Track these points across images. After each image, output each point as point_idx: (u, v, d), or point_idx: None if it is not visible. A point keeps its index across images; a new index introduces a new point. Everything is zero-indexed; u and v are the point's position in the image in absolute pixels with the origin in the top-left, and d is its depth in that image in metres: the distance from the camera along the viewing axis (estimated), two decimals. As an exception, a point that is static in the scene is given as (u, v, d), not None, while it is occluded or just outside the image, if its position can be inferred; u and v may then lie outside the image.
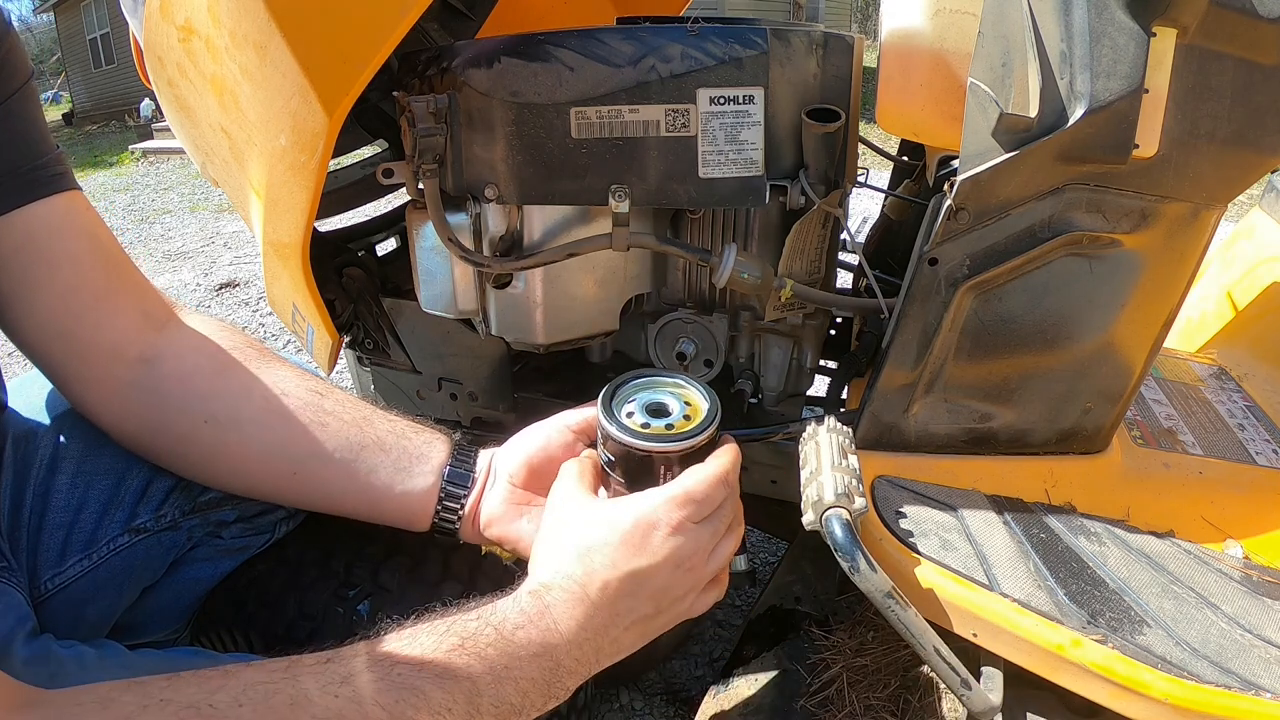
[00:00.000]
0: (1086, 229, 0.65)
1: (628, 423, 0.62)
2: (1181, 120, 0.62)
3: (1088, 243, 0.66)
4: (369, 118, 1.01)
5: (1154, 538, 0.73)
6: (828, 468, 0.64)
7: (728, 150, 0.73)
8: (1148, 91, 0.59)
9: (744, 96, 0.72)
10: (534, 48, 0.71)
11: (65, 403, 0.70)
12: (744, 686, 0.80)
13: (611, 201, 0.73)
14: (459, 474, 0.69)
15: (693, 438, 0.60)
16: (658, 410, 0.64)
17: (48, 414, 0.71)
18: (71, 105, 17.42)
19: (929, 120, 0.72)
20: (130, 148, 8.90)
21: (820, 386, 1.00)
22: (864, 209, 3.05)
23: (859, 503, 0.62)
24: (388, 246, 1.12)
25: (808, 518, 0.63)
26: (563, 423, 0.69)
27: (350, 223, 1.11)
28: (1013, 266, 0.66)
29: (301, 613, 0.76)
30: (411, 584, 0.77)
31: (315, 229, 0.88)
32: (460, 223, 0.78)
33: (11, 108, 0.62)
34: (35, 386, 0.73)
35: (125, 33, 1.35)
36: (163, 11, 0.82)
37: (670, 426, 0.62)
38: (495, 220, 0.79)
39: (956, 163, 0.64)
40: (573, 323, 0.86)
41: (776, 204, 0.78)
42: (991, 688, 0.62)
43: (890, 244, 1.13)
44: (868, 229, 1.20)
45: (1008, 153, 0.61)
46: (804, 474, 0.67)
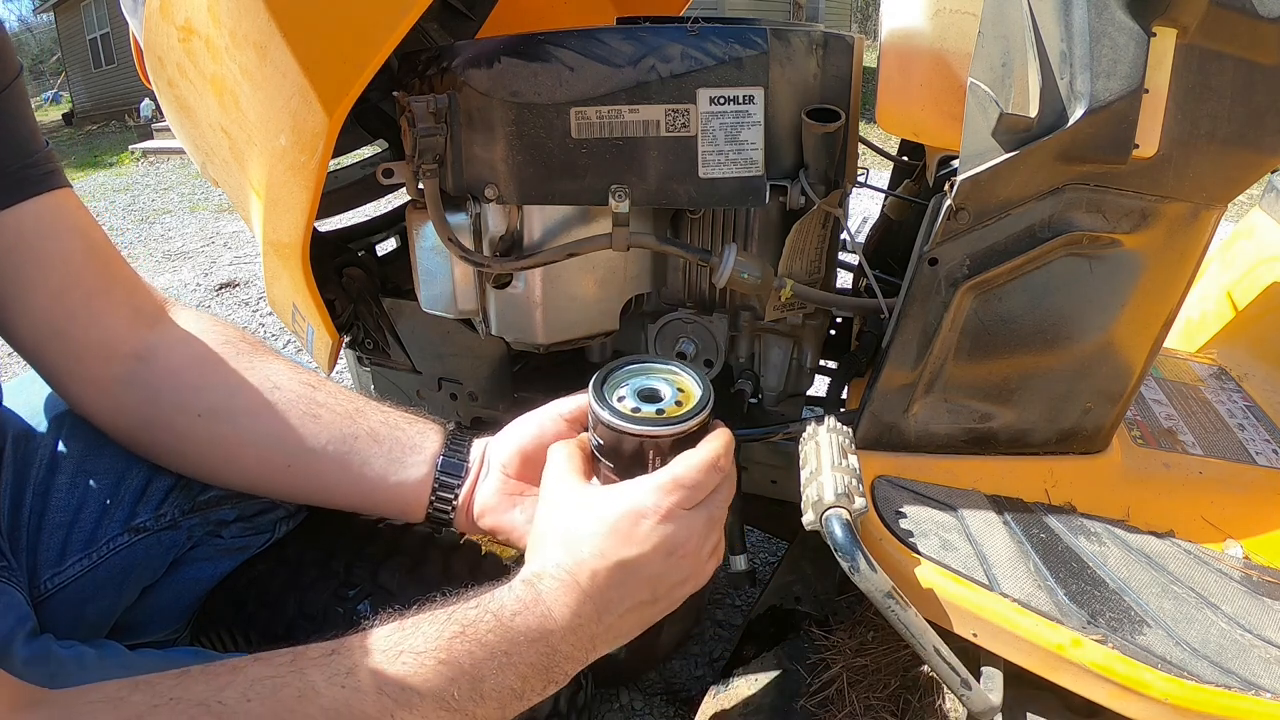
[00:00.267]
0: (1086, 229, 0.65)
1: (619, 407, 0.60)
2: (1181, 120, 0.62)
3: (1088, 243, 0.66)
4: (369, 118, 1.01)
5: (1154, 538, 0.73)
6: (828, 468, 0.64)
7: (728, 150, 0.73)
8: (1148, 91, 0.59)
9: (744, 96, 0.72)
10: (534, 48, 0.71)
11: (66, 403, 0.70)
12: (744, 686, 0.80)
13: (611, 201, 0.73)
14: (452, 464, 0.68)
15: (683, 423, 0.59)
16: (650, 396, 0.63)
17: (47, 414, 0.71)
18: (71, 105, 17.42)
19: (929, 120, 0.72)
20: (130, 148, 8.90)
21: (820, 386, 1.00)
22: (864, 209, 3.05)
23: (859, 503, 0.62)
24: (388, 246, 1.12)
25: (808, 518, 0.63)
26: (556, 411, 0.69)
27: (350, 223, 1.11)
28: (1013, 266, 0.66)
29: (301, 613, 0.76)
30: (411, 584, 0.77)
31: (315, 229, 0.88)
32: (460, 223, 0.78)
33: (1, 105, 0.61)
34: (35, 386, 0.73)
35: (125, 33, 1.34)
36: (163, 11, 0.82)
37: (661, 412, 0.61)
38: (495, 220, 0.79)
39: (956, 163, 0.64)
40: (573, 323, 0.86)
41: (776, 204, 0.78)
42: (991, 688, 0.62)
43: (890, 244, 1.13)
44: (868, 229, 1.20)
45: (1008, 153, 0.61)
46: (804, 474, 0.67)
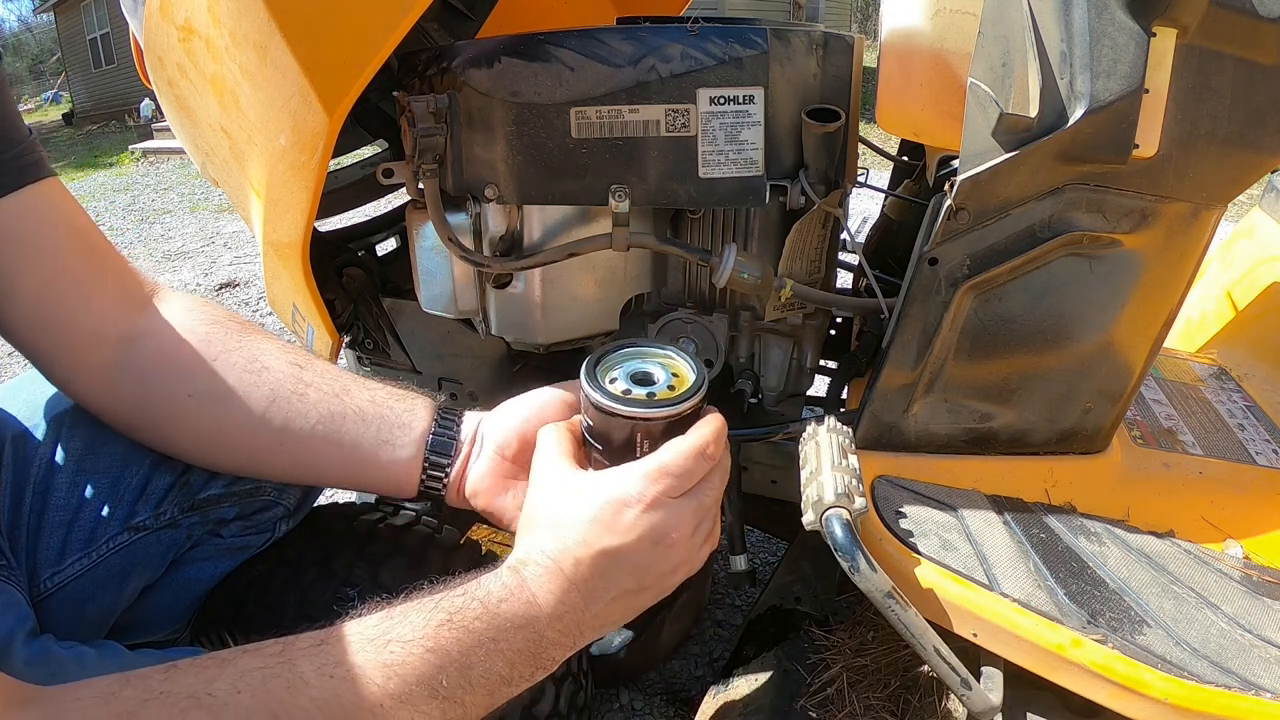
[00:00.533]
0: (1086, 229, 0.65)
1: (610, 388, 0.58)
2: (1181, 120, 0.62)
3: (1088, 243, 0.66)
4: (369, 118, 1.01)
5: (1154, 538, 0.73)
6: (828, 468, 0.64)
7: (728, 150, 0.73)
8: (1148, 91, 0.59)
9: (744, 96, 0.72)
10: (534, 48, 0.71)
11: (64, 402, 0.71)
12: (744, 686, 0.80)
13: (611, 201, 0.73)
14: (442, 442, 0.68)
15: (673, 406, 0.57)
16: (643, 379, 0.61)
17: (47, 413, 0.71)
18: (71, 105, 17.43)
19: (929, 120, 0.72)
20: (130, 148, 8.90)
21: (820, 386, 1.00)
22: (864, 209, 3.05)
23: (859, 503, 0.62)
24: (388, 246, 1.12)
25: (808, 518, 0.63)
26: (558, 394, 0.67)
27: (350, 223, 1.11)
28: (1013, 266, 0.66)
29: (301, 613, 0.76)
30: (411, 584, 0.77)
31: (315, 229, 0.88)
32: (460, 223, 0.78)
33: None
34: (34, 386, 0.73)
35: (125, 33, 1.34)
36: (163, 11, 0.82)
37: (653, 395, 0.59)
38: (495, 220, 0.79)
39: (956, 163, 0.64)
40: (573, 323, 0.86)
41: (776, 204, 0.78)
42: (991, 688, 0.62)
43: (890, 244, 1.13)
44: (868, 229, 1.20)
45: (1008, 153, 0.61)
46: (804, 474, 0.67)
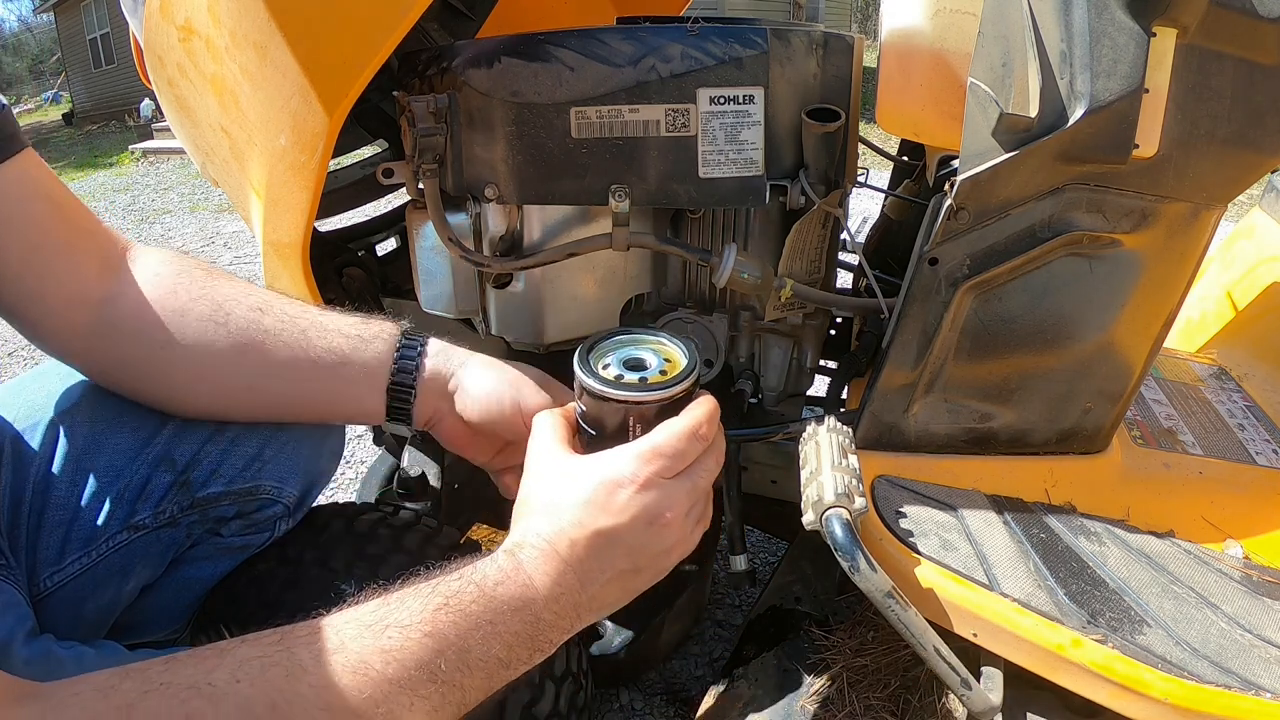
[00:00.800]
0: (1086, 229, 0.65)
1: (602, 374, 0.59)
2: (1181, 120, 0.62)
3: (1088, 243, 0.66)
4: (369, 118, 1.01)
5: (1154, 538, 0.73)
6: (828, 468, 0.64)
7: (728, 150, 0.73)
8: (1148, 91, 0.59)
9: (744, 96, 0.72)
10: (534, 48, 0.71)
11: (64, 402, 0.71)
12: (744, 686, 0.80)
13: (611, 201, 0.73)
14: (403, 377, 0.70)
15: (664, 390, 0.58)
16: (635, 365, 0.62)
17: (46, 413, 0.71)
18: (71, 105, 17.42)
19: (929, 120, 0.72)
20: (130, 148, 8.89)
21: (820, 386, 1.00)
22: (864, 209, 3.06)
23: (859, 503, 0.62)
24: (388, 246, 1.12)
25: (808, 518, 0.63)
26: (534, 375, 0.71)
27: (350, 223, 1.11)
28: (1013, 266, 0.66)
29: (301, 613, 0.76)
30: (408, 571, 0.77)
31: (315, 229, 0.88)
32: (460, 223, 0.78)
33: None
34: (34, 385, 0.73)
35: (125, 33, 1.34)
36: (163, 11, 0.82)
37: (645, 380, 0.60)
38: (495, 220, 0.79)
39: (956, 163, 0.64)
40: (573, 323, 0.86)
41: (776, 204, 0.78)
42: (991, 688, 0.62)
43: (890, 244, 1.13)
44: (868, 229, 1.20)
45: (1008, 153, 0.61)
46: (804, 474, 0.67)
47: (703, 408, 0.59)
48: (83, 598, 0.69)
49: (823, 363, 0.99)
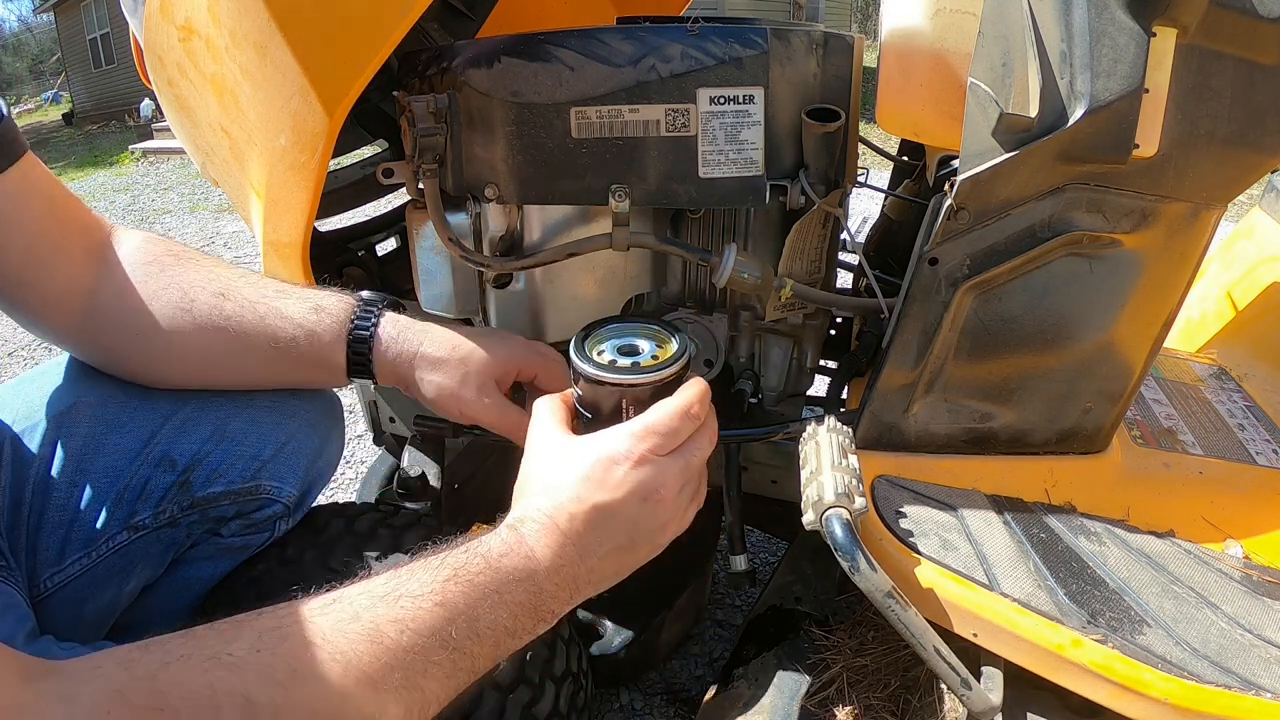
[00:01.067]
0: (1086, 229, 0.65)
1: (597, 360, 0.63)
2: (1181, 120, 0.62)
3: (1088, 243, 0.66)
4: (369, 118, 1.01)
5: (1154, 538, 0.73)
6: (828, 468, 0.64)
7: (728, 150, 0.73)
8: (1148, 91, 0.59)
9: (744, 96, 0.72)
10: (534, 48, 0.71)
11: (64, 402, 0.71)
12: (744, 686, 0.80)
13: (611, 201, 0.73)
14: (359, 340, 0.73)
15: (656, 373, 0.61)
16: (629, 351, 0.65)
17: (47, 413, 0.71)
18: (71, 105, 17.42)
19: (929, 120, 0.72)
20: (130, 148, 8.89)
21: (820, 386, 1.00)
22: (864, 209, 3.06)
23: (859, 503, 0.62)
24: (388, 246, 1.12)
25: (808, 518, 0.63)
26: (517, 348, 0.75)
27: (350, 223, 1.11)
28: (1013, 266, 0.66)
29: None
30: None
31: (315, 229, 0.88)
32: (460, 223, 0.78)
33: None
34: (34, 386, 0.73)
35: (125, 33, 1.34)
36: (163, 11, 0.82)
37: (637, 364, 0.63)
38: (495, 220, 0.79)
39: (956, 163, 0.64)
40: (573, 323, 0.85)
41: (776, 204, 0.78)
42: (991, 688, 0.62)
43: (890, 244, 1.13)
44: (868, 229, 1.20)
45: (1008, 153, 0.61)
46: (804, 474, 0.67)
47: (694, 389, 0.61)
48: (83, 598, 0.69)
49: (823, 363, 0.99)
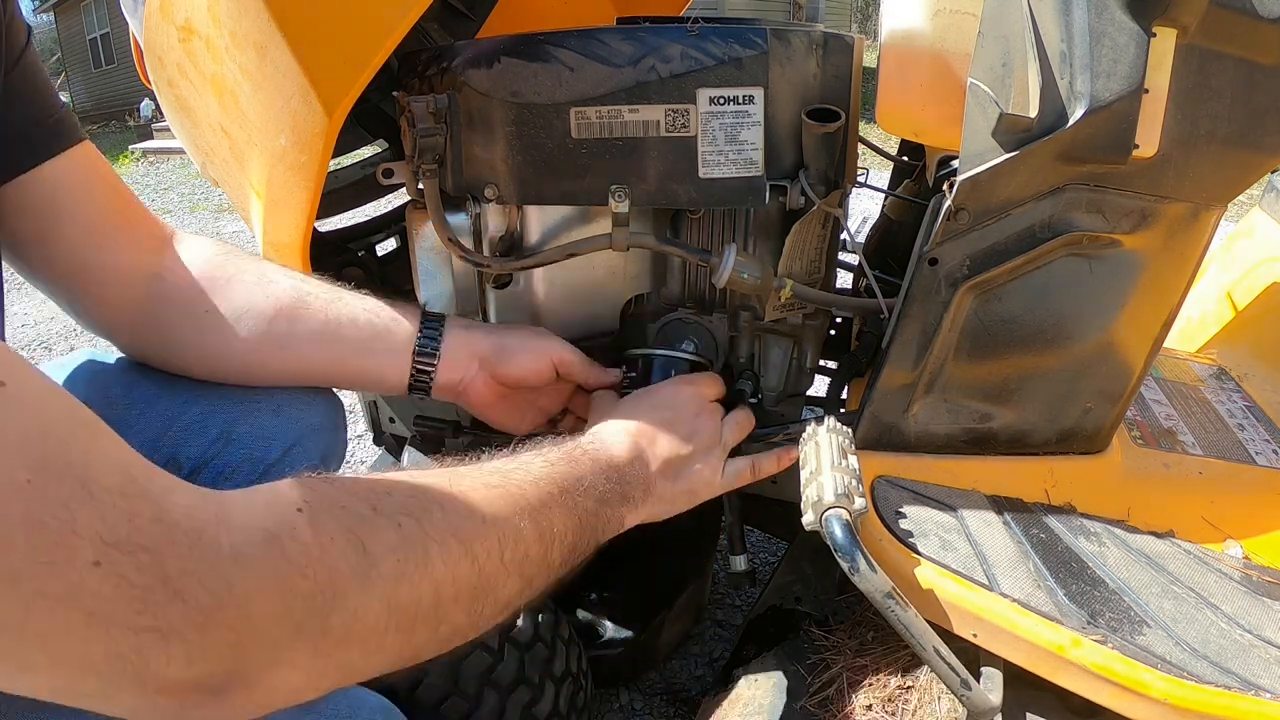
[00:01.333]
0: (1086, 229, 0.65)
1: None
2: (1181, 120, 0.62)
3: (1088, 243, 0.66)
4: (369, 118, 1.01)
5: (1154, 538, 0.73)
6: (828, 468, 0.64)
7: (728, 150, 0.73)
8: (1148, 91, 0.59)
9: (744, 96, 0.72)
10: (534, 48, 0.71)
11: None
12: (744, 686, 0.80)
13: (611, 202, 0.73)
14: (427, 342, 0.77)
15: (689, 353, 0.83)
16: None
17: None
18: (71, 105, 17.41)
19: (929, 120, 0.72)
20: (130, 148, 8.89)
21: (820, 386, 1.00)
22: (864, 209, 3.05)
23: (859, 503, 0.62)
24: (388, 246, 1.12)
25: (808, 518, 0.63)
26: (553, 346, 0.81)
27: (350, 223, 1.11)
28: (1013, 267, 0.66)
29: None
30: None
31: (315, 229, 0.88)
32: (460, 223, 0.78)
33: (28, 60, 0.65)
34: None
35: (125, 33, 1.34)
36: (163, 11, 0.82)
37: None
38: (495, 220, 0.79)
39: (956, 163, 0.64)
40: (572, 323, 0.86)
41: (776, 204, 0.78)
42: (991, 688, 0.62)
43: (890, 244, 1.13)
44: (868, 229, 1.20)
45: (1008, 153, 0.61)
46: (804, 474, 0.67)
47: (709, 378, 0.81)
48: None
49: (823, 363, 0.99)
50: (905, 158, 1.10)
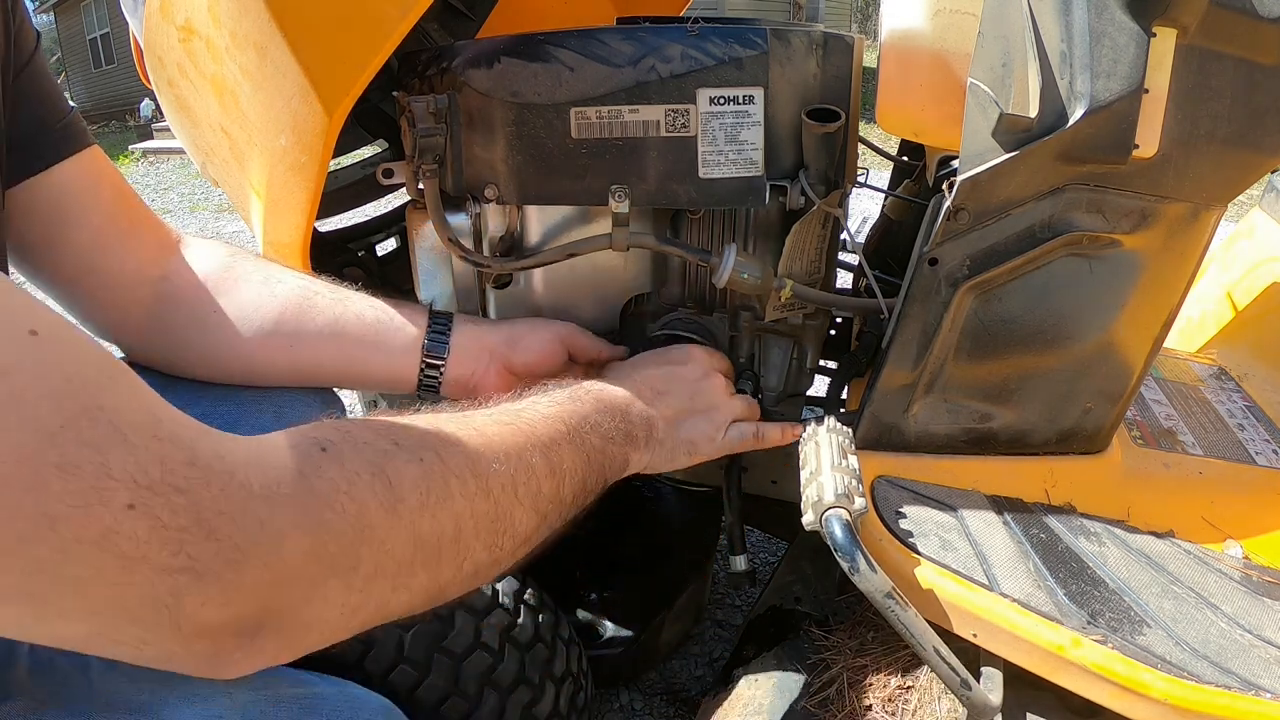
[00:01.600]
0: (1086, 229, 0.65)
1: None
2: (1181, 120, 0.62)
3: (1088, 243, 0.66)
4: (369, 118, 1.01)
5: (1154, 538, 0.73)
6: (828, 468, 0.64)
7: (728, 150, 0.73)
8: (1148, 91, 0.59)
9: (744, 96, 0.72)
10: (534, 48, 0.71)
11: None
12: (744, 686, 0.80)
13: (611, 202, 0.73)
14: (436, 342, 0.77)
15: (695, 336, 0.85)
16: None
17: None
18: (71, 105, 17.40)
19: (929, 120, 0.72)
20: (130, 148, 8.89)
21: (820, 386, 1.00)
22: (864, 209, 3.05)
23: (859, 503, 0.62)
24: (388, 246, 1.12)
25: (808, 518, 0.63)
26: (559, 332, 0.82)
27: (350, 223, 1.11)
28: (1013, 267, 0.66)
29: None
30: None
31: (315, 229, 0.88)
32: (460, 223, 0.78)
33: (37, 64, 0.65)
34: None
35: (125, 33, 1.34)
36: (163, 11, 0.82)
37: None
38: (495, 220, 0.79)
39: (956, 163, 0.64)
40: (573, 323, 0.86)
41: (776, 204, 0.78)
42: (991, 688, 0.62)
43: (890, 244, 1.13)
44: (868, 229, 1.20)
45: (1008, 153, 0.61)
46: (804, 474, 0.67)
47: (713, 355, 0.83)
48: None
49: (823, 363, 0.99)
50: (905, 158, 1.10)
